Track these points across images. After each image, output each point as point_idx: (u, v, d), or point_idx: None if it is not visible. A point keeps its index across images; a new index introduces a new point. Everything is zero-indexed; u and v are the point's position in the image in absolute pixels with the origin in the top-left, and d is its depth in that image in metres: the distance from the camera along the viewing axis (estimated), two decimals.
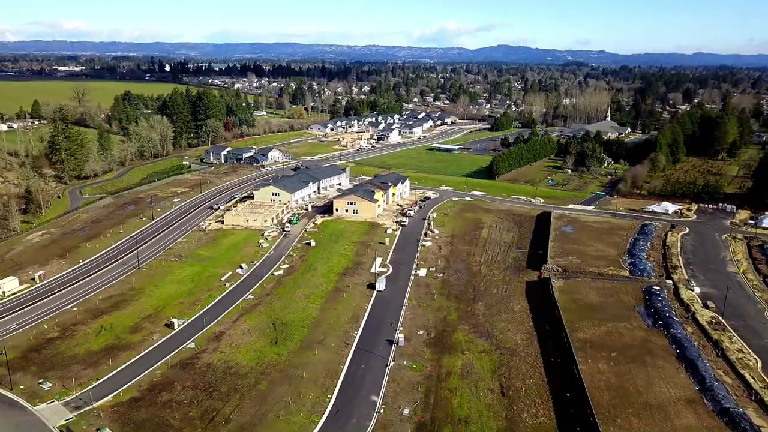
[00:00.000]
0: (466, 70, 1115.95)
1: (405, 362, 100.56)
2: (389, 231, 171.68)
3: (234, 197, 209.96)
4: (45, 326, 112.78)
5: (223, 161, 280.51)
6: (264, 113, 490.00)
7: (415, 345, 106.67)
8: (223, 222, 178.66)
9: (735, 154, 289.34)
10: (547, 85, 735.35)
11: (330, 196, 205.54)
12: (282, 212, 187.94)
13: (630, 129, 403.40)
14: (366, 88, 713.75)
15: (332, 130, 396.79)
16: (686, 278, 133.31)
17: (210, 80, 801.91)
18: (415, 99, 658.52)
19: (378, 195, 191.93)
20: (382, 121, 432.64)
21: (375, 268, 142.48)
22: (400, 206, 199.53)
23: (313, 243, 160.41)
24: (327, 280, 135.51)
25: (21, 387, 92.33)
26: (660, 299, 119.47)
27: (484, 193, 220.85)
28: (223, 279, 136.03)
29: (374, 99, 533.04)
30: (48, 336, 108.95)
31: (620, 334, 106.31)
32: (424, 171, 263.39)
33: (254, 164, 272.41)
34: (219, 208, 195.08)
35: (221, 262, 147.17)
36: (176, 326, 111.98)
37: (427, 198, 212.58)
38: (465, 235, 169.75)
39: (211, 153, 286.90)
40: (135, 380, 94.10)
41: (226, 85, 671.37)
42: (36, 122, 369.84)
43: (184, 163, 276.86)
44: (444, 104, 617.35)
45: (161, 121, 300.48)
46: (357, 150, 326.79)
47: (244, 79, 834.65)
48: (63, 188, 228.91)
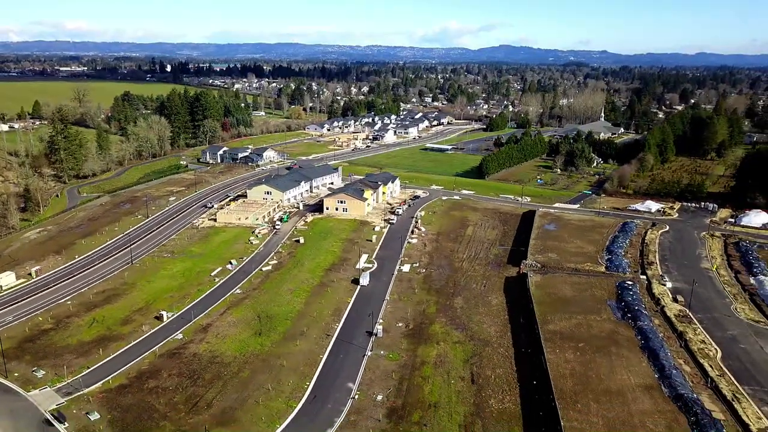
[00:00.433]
0: (467, 71, 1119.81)
1: (382, 352, 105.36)
2: (377, 228, 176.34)
3: (228, 196, 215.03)
4: (40, 318, 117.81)
5: (219, 161, 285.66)
6: (263, 114, 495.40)
7: (393, 336, 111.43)
8: (216, 220, 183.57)
9: (723, 154, 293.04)
10: (546, 86, 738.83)
11: (321, 195, 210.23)
12: (273, 210, 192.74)
13: (623, 129, 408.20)
14: (365, 89, 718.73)
15: (329, 131, 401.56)
16: (660, 274, 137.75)
17: (210, 81, 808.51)
18: (414, 99, 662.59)
19: (367, 194, 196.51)
20: (379, 122, 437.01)
21: (360, 264, 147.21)
22: (390, 205, 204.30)
23: (302, 240, 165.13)
24: (313, 276, 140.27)
25: (15, 374, 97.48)
26: (631, 293, 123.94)
27: (473, 192, 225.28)
28: (213, 274, 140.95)
29: (372, 99, 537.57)
30: (42, 327, 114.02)
31: (589, 326, 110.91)
32: (416, 170, 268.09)
33: (249, 164, 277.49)
34: (213, 207, 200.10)
35: (212, 258, 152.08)
36: (165, 318, 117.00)
37: (417, 197, 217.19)
38: (450, 233, 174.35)
39: (208, 153, 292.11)
40: (124, 368, 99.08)
41: (226, 86, 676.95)
42: (36, 122, 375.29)
43: (181, 163, 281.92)
44: (442, 105, 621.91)
45: (159, 122, 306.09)
46: (352, 150, 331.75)
47: (244, 80, 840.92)
48: (61, 187, 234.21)
